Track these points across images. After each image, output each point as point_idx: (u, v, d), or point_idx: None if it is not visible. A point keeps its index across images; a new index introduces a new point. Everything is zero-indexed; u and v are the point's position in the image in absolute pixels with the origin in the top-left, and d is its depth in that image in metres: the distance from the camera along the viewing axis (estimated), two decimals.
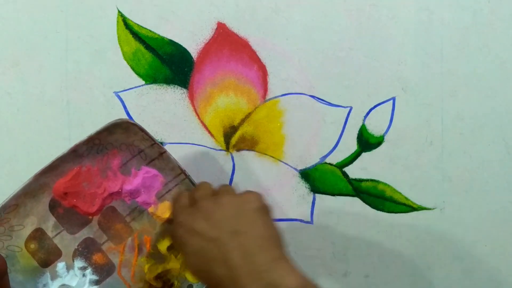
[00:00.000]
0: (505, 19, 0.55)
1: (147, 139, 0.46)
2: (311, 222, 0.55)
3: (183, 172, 0.47)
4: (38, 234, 0.46)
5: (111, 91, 0.53)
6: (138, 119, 0.53)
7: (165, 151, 0.46)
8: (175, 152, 0.46)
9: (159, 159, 0.47)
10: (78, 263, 0.47)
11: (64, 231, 0.46)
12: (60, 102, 0.52)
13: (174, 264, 0.47)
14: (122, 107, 0.53)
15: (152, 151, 0.47)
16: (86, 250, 0.47)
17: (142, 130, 0.45)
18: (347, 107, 0.55)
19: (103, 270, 0.47)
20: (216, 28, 0.53)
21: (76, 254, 0.47)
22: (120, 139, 0.46)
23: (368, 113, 0.55)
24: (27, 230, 0.45)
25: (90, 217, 0.47)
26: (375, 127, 0.55)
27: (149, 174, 0.47)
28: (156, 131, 0.53)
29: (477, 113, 0.56)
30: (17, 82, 0.52)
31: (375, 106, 0.55)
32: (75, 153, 0.45)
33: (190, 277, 0.47)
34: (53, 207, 0.46)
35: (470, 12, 0.55)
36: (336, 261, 0.55)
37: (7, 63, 0.52)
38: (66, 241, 0.46)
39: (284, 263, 0.36)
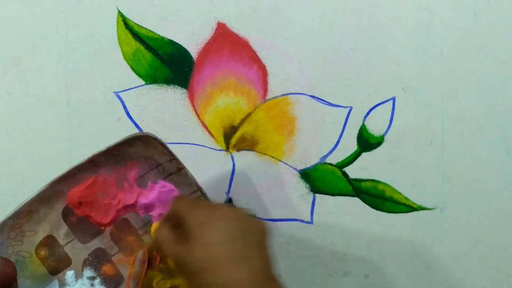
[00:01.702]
0: (505, 19, 0.55)
1: (167, 154, 0.45)
2: (311, 222, 0.55)
3: (199, 189, 0.46)
4: (49, 241, 0.45)
5: (111, 91, 0.53)
6: (138, 119, 0.53)
7: (183, 167, 0.46)
8: (175, 152, 0.46)
9: (176, 174, 0.47)
10: (87, 272, 0.46)
11: (75, 239, 0.46)
12: (60, 102, 0.52)
13: (183, 280, 0.47)
14: (122, 107, 0.53)
15: (170, 166, 0.46)
16: (96, 260, 0.47)
17: (162, 144, 0.45)
18: (347, 107, 0.55)
19: (112, 281, 0.47)
20: (216, 28, 0.53)
21: (86, 263, 0.46)
22: (139, 152, 0.46)
23: (368, 113, 0.55)
24: (39, 237, 0.45)
25: (103, 227, 0.47)
26: (375, 127, 0.55)
27: (165, 189, 0.47)
28: (156, 131, 0.53)
29: (477, 113, 0.56)
30: (17, 82, 0.52)
31: (375, 106, 0.55)
32: (92, 163, 0.44)
33: None
34: (66, 215, 0.45)
35: (470, 12, 0.55)
36: (336, 261, 0.55)
37: (7, 63, 0.52)
38: (77, 250, 0.46)
39: None
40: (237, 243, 0.34)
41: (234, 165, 0.55)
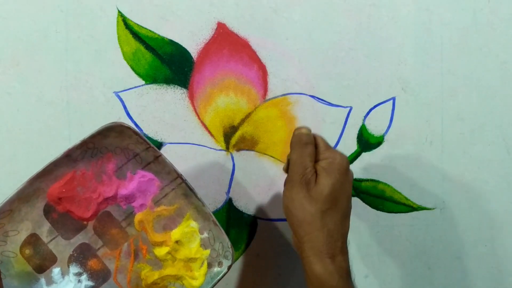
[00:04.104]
0: (505, 19, 0.55)
1: (142, 143, 0.45)
2: None
3: (179, 176, 0.46)
4: (33, 240, 0.45)
5: (111, 91, 0.53)
6: (138, 119, 0.53)
7: (160, 155, 0.46)
8: (175, 152, 0.46)
9: (154, 163, 0.46)
10: (74, 268, 0.46)
11: (59, 236, 0.46)
12: (60, 102, 0.52)
13: (171, 270, 0.47)
14: (122, 107, 0.53)
15: (147, 155, 0.46)
16: (82, 255, 0.46)
17: (136, 133, 0.44)
18: (347, 107, 0.55)
19: (99, 276, 0.47)
20: (216, 28, 0.53)
21: (71, 259, 0.46)
22: (115, 143, 0.45)
23: (368, 113, 0.55)
24: (22, 236, 0.45)
25: (85, 222, 0.46)
26: (375, 127, 0.55)
27: (145, 178, 0.47)
28: (156, 131, 0.53)
29: (477, 113, 0.56)
30: (17, 82, 0.52)
31: (375, 106, 0.55)
32: (69, 158, 0.44)
33: (187, 284, 0.47)
34: (48, 212, 0.45)
35: (470, 12, 0.55)
36: None
37: (7, 63, 0.52)
38: (61, 246, 0.46)
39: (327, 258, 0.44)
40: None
41: (234, 165, 0.55)
